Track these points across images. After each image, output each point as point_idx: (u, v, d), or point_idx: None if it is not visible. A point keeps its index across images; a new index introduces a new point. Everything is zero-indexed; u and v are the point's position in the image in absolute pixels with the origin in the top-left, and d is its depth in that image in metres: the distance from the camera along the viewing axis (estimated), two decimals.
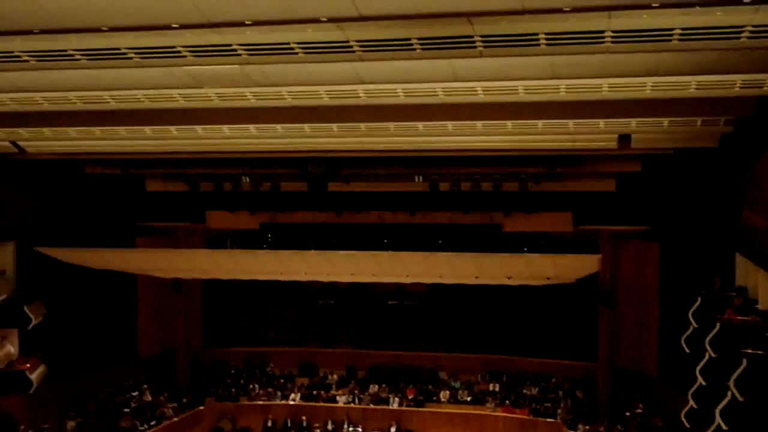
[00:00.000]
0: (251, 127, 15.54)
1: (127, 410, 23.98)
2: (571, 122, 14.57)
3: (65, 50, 10.45)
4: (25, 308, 20.03)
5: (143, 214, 25.23)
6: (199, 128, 15.70)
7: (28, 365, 20.24)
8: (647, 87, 12.00)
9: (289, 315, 29.81)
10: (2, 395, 21.05)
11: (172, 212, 25.53)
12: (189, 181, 23.59)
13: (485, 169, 21.53)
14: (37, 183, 21.32)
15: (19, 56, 10.72)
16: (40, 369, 20.62)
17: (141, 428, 23.38)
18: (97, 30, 9.26)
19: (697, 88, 11.94)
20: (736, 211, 16.49)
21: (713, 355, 15.51)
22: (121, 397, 24.76)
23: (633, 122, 14.51)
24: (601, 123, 14.58)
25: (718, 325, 15.44)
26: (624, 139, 16.04)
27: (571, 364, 26.53)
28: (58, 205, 22.08)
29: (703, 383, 15.86)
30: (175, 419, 24.88)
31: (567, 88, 12.24)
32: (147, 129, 15.86)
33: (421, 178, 21.77)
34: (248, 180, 22.65)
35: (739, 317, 15.48)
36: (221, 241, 26.80)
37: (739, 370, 14.09)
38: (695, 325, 16.75)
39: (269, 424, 25.91)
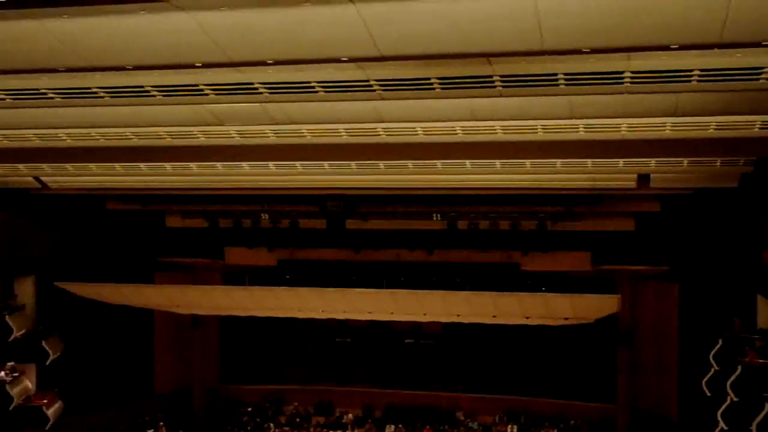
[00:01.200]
0: (271, 164, 15.63)
1: None
2: (589, 161, 14.56)
3: (89, 87, 10.59)
4: (44, 343, 20.13)
5: (162, 250, 25.34)
6: (219, 165, 15.83)
7: (45, 401, 20.28)
8: (666, 127, 11.99)
9: (305, 352, 29.69)
10: (18, 431, 21.04)
11: (191, 248, 25.63)
12: (208, 217, 23.72)
13: (503, 208, 21.52)
14: (58, 218, 21.52)
15: (44, 93, 10.87)
16: (57, 405, 20.64)
17: None
18: (121, 68, 9.38)
19: (716, 129, 11.92)
20: (757, 252, 16.36)
21: (735, 398, 15.32)
22: None
23: (652, 162, 14.49)
24: (620, 162, 14.56)
25: (739, 368, 15.28)
26: (643, 178, 16.01)
27: (590, 406, 26.17)
28: (79, 240, 22.26)
29: (725, 427, 15.64)
30: None
31: (586, 128, 12.25)
32: (168, 165, 16.00)
33: (439, 216, 21.78)
34: (267, 217, 22.74)
35: (761, 360, 15.30)
36: (239, 277, 26.84)
37: (762, 414, 13.91)
38: (716, 368, 16.55)
39: None
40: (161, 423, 25.56)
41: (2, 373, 19.76)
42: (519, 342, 26.41)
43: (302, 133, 13.14)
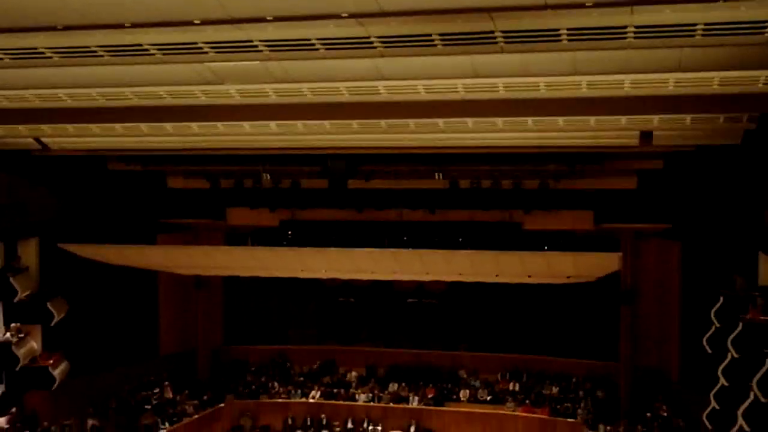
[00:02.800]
0: (272, 123, 15.57)
1: (148, 407, 24.12)
2: (592, 119, 14.49)
3: (88, 47, 10.52)
4: (48, 304, 20.23)
5: (164, 211, 25.38)
6: (219, 125, 15.77)
7: (51, 361, 20.45)
8: (670, 83, 11.91)
9: (308, 313, 29.86)
10: (25, 391, 21.26)
11: (192, 209, 25.67)
12: (210, 177, 23.71)
13: (505, 167, 21.46)
14: (60, 179, 21.51)
15: (42, 53, 10.81)
16: (63, 365, 20.81)
17: (162, 425, 23.50)
18: (119, 26, 9.32)
19: (720, 84, 11.84)
20: (759, 209, 16.34)
21: (736, 355, 15.39)
22: (142, 393, 24.91)
23: (655, 119, 14.41)
24: (623, 120, 14.49)
25: (740, 325, 15.32)
26: (646, 136, 15.93)
27: (592, 364, 26.37)
28: (81, 202, 22.28)
29: (726, 384, 15.75)
30: (196, 416, 24.99)
31: (588, 85, 12.17)
32: (168, 125, 15.95)
33: (441, 175, 21.72)
34: (269, 177, 22.72)
35: (763, 317, 15.35)
36: (242, 238, 26.90)
37: (762, 371, 13.98)
38: (717, 325, 16.61)
39: (289, 422, 25.98)
40: (166, 383, 25.79)
41: (8, 333, 19.91)
42: (521, 301, 26.54)
43: (303, 91, 13.08)
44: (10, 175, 20.12)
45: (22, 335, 20.17)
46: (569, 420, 24.29)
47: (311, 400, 26.75)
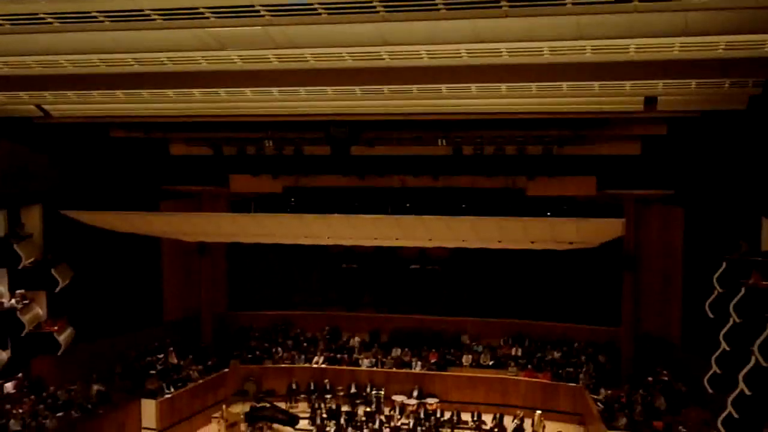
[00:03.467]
0: (274, 89, 15.47)
1: (152, 372, 24.30)
2: (596, 84, 14.38)
3: (88, 12, 10.44)
4: (52, 271, 20.30)
5: (167, 178, 25.41)
6: (222, 91, 15.67)
7: (56, 327, 20.56)
8: (675, 47, 11.79)
9: (312, 279, 30.01)
10: (31, 356, 21.44)
11: (195, 176, 25.70)
12: (212, 144, 23.68)
13: (509, 133, 21.37)
14: (62, 147, 21.47)
15: (43, 18, 10.73)
16: (68, 331, 20.94)
17: (167, 390, 23.68)
18: None
19: (725, 49, 11.72)
20: (764, 175, 16.30)
21: (737, 320, 15.44)
22: (146, 359, 25.09)
23: (659, 84, 14.29)
24: (627, 85, 14.39)
25: (743, 290, 15.36)
26: (650, 101, 15.84)
27: (594, 329, 26.54)
28: (84, 169, 22.26)
29: (727, 348, 15.81)
30: (201, 381, 25.21)
31: (593, 49, 12.06)
32: (170, 92, 15.85)
33: (444, 141, 21.65)
34: (271, 144, 22.67)
35: (765, 282, 15.38)
36: (245, 204, 26.95)
37: (764, 336, 14.04)
38: (720, 290, 16.63)
39: (293, 386, 26.21)
40: (171, 349, 25.96)
41: (13, 300, 20.00)
42: (524, 267, 26.63)
43: (305, 57, 12.99)
44: (12, 142, 20.08)
45: (26, 302, 20.27)
46: (571, 384, 24.51)
47: (315, 366, 26.97)
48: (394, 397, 25.41)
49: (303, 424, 24.30)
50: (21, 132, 19.92)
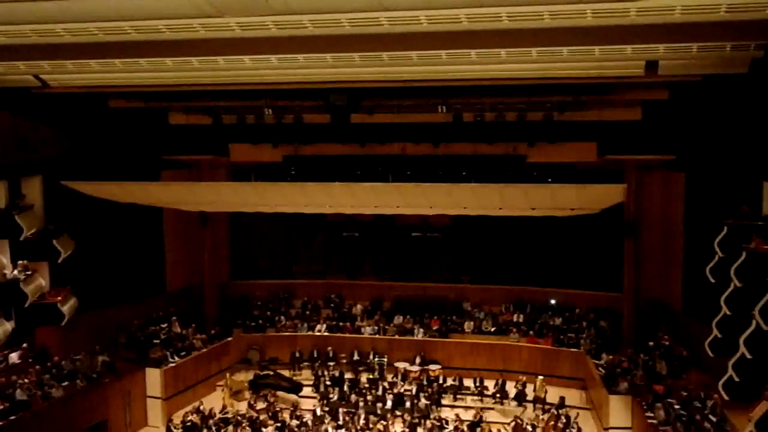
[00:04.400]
0: (272, 57, 15.36)
1: (156, 341, 24.46)
2: (597, 49, 14.27)
3: None
4: (54, 242, 20.33)
5: (167, 148, 25.35)
6: (220, 59, 15.56)
7: (60, 298, 20.64)
8: (676, 10, 11.69)
9: (313, 248, 30.05)
10: (35, 327, 21.54)
11: (195, 145, 25.65)
12: (212, 113, 23.60)
13: (509, 99, 21.29)
14: (61, 117, 21.40)
15: None
16: (71, 301, 21.03)
17: (171, 359, 23.86)
18: None
19: (727, 11, 11.62)
20: (765, 139, 16.24)
21: (738, 284, 15.48)
22: (150, 329, 25.23)
23: (661, 48, 14.17)
24: (628, 49, 14.26)
25: (744, 254, 15.38)
26: (651, 65, 15.72)
27: (596, 295, 26.63)
28: (83, 139, 22.21)
29: (728, 312, 15.87)
30: (204, 350, 25.41)
31: (593, 13, 11.95)
32: (168, 60, 15.73)
33: (444, 108, 21.55)
34: (271, 112, 22.58)
35: (766, 246, 15.39)
36: (245, 174, 26.93)
37: (764, 299, 14.08)
38: (721, 255, 16.66)
39: (296, 354, 26.38)
40: (174, 318, 26.10)
41: (15, 271, 20.06)
42: (525, 233, 26.65)
43: (304, 24, 12.87)
44: (11, 113, 20.02)
45: (29, 272, 20.33)
46: (572, 350, 24.65)
47: (317, 333, 27.12)
48: (397, 364, 25.59)
49: (307, 391, 24.51)
50: (20, 103, 19.85)
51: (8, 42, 14.33)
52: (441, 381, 24.38)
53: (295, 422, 21.76)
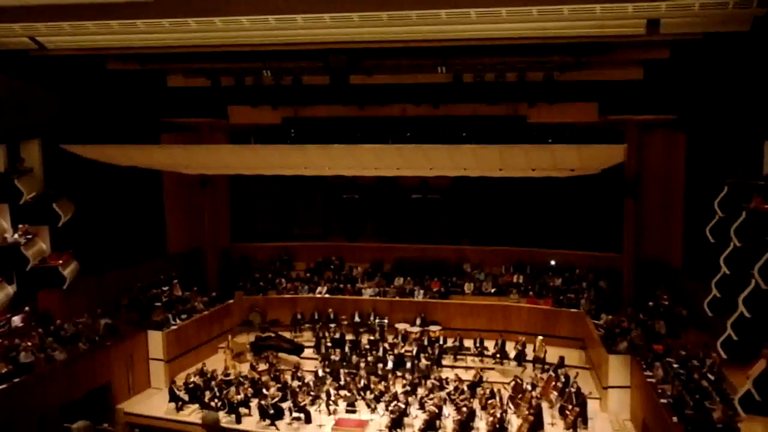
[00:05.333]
0: (270, 18, 15.25)
1: (158, 304, 24.55)
2: (598, 7, 14.16)
3: None
4: (54, 205, 20.34)
5: (166, 110, 25.23)
6: (217, 20, 15.46)
7: (61, 261, 20.73)
8: None
9: (314, 210, 30.05)
10: (37, 290, 21.62)
11: (194, 108, 25.51)
12: (210, 75, 23.40)
13: (510, 59, 21.07)
14: (59, 80, 21.27)
15: None
16: (72, 265, 21.10)
17: (173, 322, 23.97)
18: None
19: None
20: (766, 98, 16.13)
21: (738, 244, 15.47)
22: (152, 291, 25.31)
23: (662, 6, 14.06)
24: (630, 7, 14.16)
25: (744, 214, 15.35)
26: (653, 24, 15.58)
27: (596, 255, 26.66)
28: (82, 102, 22.09)
29: (727, 272, 15.87)
30: (206, 313, 25.53)
31: None
32: (165, 21, 15.63)
33: (444, 69, 21.35)
34: (269, 74, 22.41)
35: (766, 206, 15.36)
36: (245, 136, 26.83)
37: (764, 259, 14.08)
38: (721, 215, 16.64)
39: (298, 316, 26.52)
40: (175, 281, 26.18)
41: (16, 235, 20.11)
42: (525, 194, 26.64)
43: None
44: (9, 76, 19.89)
45: (30, 236, 20.38)
46: (572, 310, 24.75)
47: (318, 296, 27.23)
48: (398, 326, 25.72)
49: (308, 352, 24.68)
50: (17, 65, 19.71)
51: (3, 3, 14.22)
52: (441, 342, 24.50)
53: (296, 383, 21.93)
